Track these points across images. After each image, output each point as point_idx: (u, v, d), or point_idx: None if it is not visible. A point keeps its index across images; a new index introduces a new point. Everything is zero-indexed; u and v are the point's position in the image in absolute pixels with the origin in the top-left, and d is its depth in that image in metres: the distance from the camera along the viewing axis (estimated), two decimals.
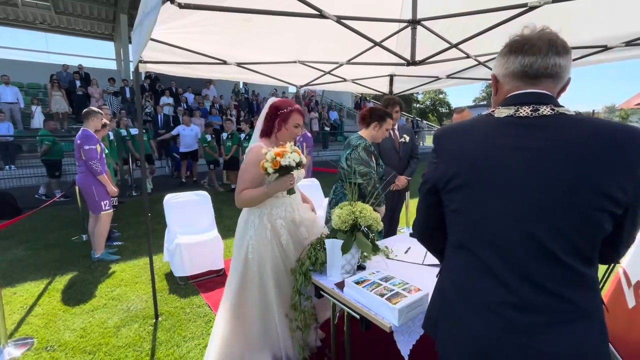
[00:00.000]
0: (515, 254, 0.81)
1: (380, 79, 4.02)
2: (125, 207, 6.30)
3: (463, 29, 2.38)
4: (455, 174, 0.90)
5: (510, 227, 0.82)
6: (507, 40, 0.92)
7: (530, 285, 0.80)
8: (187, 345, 2.34)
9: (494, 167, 0.84)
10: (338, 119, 15.96)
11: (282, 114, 1.94)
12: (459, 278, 0.93)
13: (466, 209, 0.90)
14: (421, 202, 1.05)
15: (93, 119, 3.75)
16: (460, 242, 0.93)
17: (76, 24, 15.51)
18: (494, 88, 0.98)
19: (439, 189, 0.95)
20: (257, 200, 1.89)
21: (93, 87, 10.69)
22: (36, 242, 4.49)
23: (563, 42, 0.84)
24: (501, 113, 0.88)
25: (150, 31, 1.69)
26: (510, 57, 0.88)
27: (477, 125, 0.93)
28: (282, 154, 1.72)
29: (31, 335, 2.48)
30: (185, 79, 11.51)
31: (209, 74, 3.18)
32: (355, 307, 1.52)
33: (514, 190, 0.81)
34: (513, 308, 0.81)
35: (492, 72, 0.97)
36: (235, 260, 1.99)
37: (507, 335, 0.81)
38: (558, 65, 0.84)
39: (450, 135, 0.97)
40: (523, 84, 0.88)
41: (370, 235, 1.80)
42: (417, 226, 1.11)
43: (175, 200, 3.58)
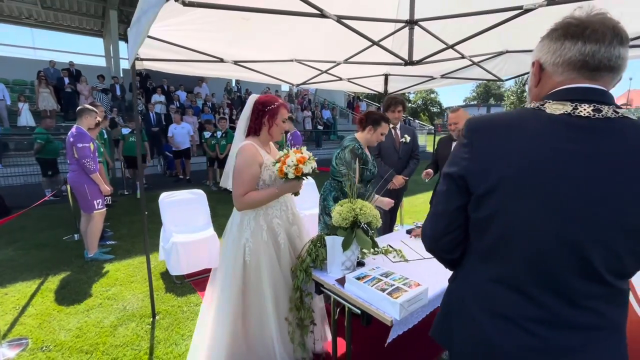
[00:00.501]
0: (554, 270, 0.74)
1: (375, 78, 4.06)
2: (117, 206, 6.22)
3: (459, 29, 2.42)
4: (496, 175, 0.77)
5: (554, 241, 0.73)
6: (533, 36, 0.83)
7: (566, 302, 0.74)
8: (185, 344, 2.34)
9: (545, 173, 0.73)
10: (331, 117, 16.00)
11: (270, 110, 1.89)
12: (483, 289, 0.84)
13: (504, 216, 0.78)
14: (442, 204, 0.90)
15: (87, 116, 3.69)
16: (488, 252, 0.83)
17: (64, 19, 15.19)
18: (536, 77, 0.85)
19: (472, 190, 0.82)
20: (265, 202, 1.87)
21: (82, 84, 10.50)
22: (26, 242, 4.41)
23: (625, 30, 0.74)
24: (554, 109, 0.76)
25: (148, 28, 1.68)
26: (566, 42, 0.76)
27: (524, 121, 0.79)
28: (303, 161, 1.75)
29: (25, 335, 2.45)
30: (177, 77, 11.44)
31: (205, 72, 3.17)
32: (357, 302, 1.55)
33: (567, 201, 0.72)
34: (546, 326, 0.75)
35: (535, 57, 0.84)
36: (229, 263, 1.91)
37: (541, 356, 0.75)
38: (621, 57, 0.74)
39: (490, 129, 0.82)
40: (580, 77, 0.76)
41: (370, 232, 1.83)
42: (432, 231, 0.94)
43: (170, 199, 3.55)
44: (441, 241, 0.92)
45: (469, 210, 0.85)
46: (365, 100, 20.39)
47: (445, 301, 0.98)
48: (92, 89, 10.62)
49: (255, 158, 1.83)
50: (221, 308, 1.90)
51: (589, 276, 0.73)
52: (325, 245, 1.89)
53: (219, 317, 1.90)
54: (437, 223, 0.92)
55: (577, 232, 0.72)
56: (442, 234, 0.91)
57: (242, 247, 1.88)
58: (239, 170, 1.81)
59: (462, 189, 0.84)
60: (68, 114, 10.48)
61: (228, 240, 1.95)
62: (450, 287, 0.97)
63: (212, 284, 2.04)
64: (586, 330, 0.74)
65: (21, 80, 11.98)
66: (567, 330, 0.75)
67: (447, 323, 0.94)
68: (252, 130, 1.94)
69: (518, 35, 2.66)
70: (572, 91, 0.76)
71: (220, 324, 1.88)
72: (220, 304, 1.91)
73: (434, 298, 1.59)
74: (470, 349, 0.86)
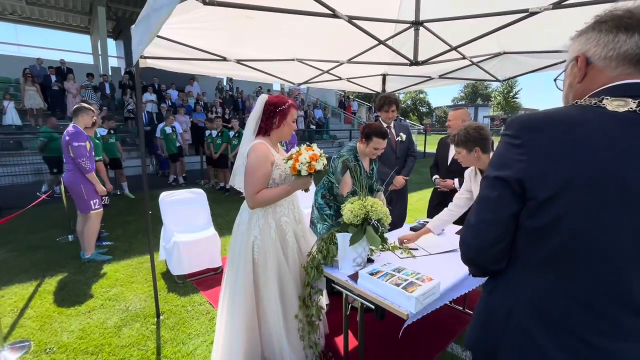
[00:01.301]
0: (624, 277, 0.70)
1: (374, 78, 4.11)
2: (110, 206, 6.11)
3: (459, 30, 2.48)
4: (562, 177, 0.72)
5: (631, 247, 0.69)
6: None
7: (632, 312, 0.71)
8: (193, 343, 2.34)
9: (617, 174, 0.69)
10: (323, 117, 16.02)
11: (281, 110, 1.92)
12: (537, 301, 0.78)
13: (569, 223, 0.72)
14: (491, 212, 0.83)
15: (83, 115, 3.63)
16: (546, 261, 0.77)
17: (49, 15, 14.81)
18: (581, 72, 0.80)
19: (531, 195, 0.76)
20: (277, 200, 1.90)
21: (69, 82, 10.25)
22: (19, 244, 4.31)
23: None
24: (616, 106, 0.72)
25: (160, 27, 1.68)
26: (620, 35, 0.73)
27: (588, 120, 0.73)
28: (316, 158, 1.79)
29: (27, 338, 2.40)
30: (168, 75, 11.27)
31: (207, 70, 3.16)
32: (371, 297, 1.58)
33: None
34: (608, 337, 0.72)
35: (579, 51, 0.80)
36: (239, 260, 1.92)
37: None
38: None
39: (549, 128, 0.75)
40: (636, 72, 0.74)
41: (380, 229, 1.86)
42: (478, 242, 0.85)
43: (170, 199, 3.53)
44: (490, 251, 0.84)
45: (522, 218, 0.79)
46: (356, 100, 20.48)
47: (483, 312, 0.91)
48: (80, 87, 10.37)
49: (268, 157, 1.85)
50: (234, 305, 1.91)
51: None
52: (335, 243, 1.92)
53: (232, 315, 1.91)
54: (486, 232, 0.84)
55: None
56: (491, 243, 0.83)
57: (251, 244, 1.90)
58: (252, 169, 1.82)
59: (517, 194, 0.78)
60: (55, 113, 10.23)
61: (237, 238, 1.97)
62: (488, 298, 0.90)
63: (224, 282, 2.04)
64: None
65: (5, 77, 11.61)
66: (625, 341, 0.72)
67: (488, 335, 0.88)
68: (262, 130, 1.95)
69: (515, 37, 2.73)
70: (632, 87, 0.73)
71: (234, 321, 1.90)
72: (232, 302, 1.92)
73: (444, 292, 1.63)
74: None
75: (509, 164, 0.78)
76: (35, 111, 9.57)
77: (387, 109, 3.27)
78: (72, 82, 10.32)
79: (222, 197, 7.03)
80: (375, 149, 2.47)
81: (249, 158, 1.85)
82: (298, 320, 1.97)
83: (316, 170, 1.81)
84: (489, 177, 0.84)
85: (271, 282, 1.91)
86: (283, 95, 13.21)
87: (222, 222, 5.17)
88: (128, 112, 10.67)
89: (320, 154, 1.85)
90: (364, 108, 20.77)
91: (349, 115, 18.24)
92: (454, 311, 2.74)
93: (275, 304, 1.92)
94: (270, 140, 1.96)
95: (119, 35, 15.60)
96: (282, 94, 15.39)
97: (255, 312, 1.93)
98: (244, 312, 1.89)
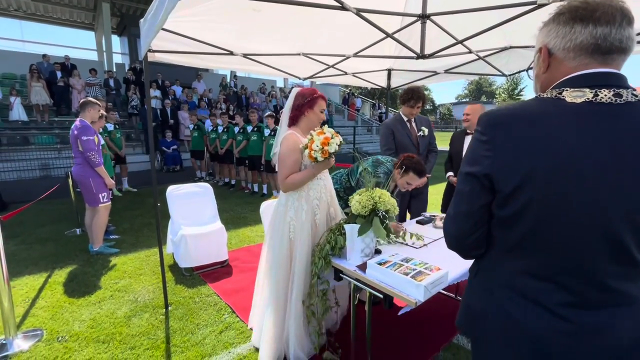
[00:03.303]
0: (589, 257, 0.76)
1: (379, 73, 4.10)
2: (116, 201, 6.17)
3: (467, 24, 2.48)
4: (525, 170, 0.76)
5: (589, 229, 0.75)
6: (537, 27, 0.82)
7: (598, 286, 0.77)
8: (201, 332, 2.38)
9: (574, 163, 0.73)
10: (327, 113, 16.00)
11: (309, 101, 2.05)
12: (512, 280, 0.86)
13: (534, 211, 0.78)
14: (466, 205, 0.89)
15: (90, 109, 3.67)
16: (517, 245, 0.84)
17: (54, 11, 14.87)
18: (545, 63, 0.84)
19: (498, 188, 0.81)
20: (305, 181, 2.01)
21: (75, 79, 10.30)
22: (27, 237, 4.37)
23: (630, 11, 0.74)
24: (575, 97, 0.76)
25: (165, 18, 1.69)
26: (576, 26, 0.75)
27: (548, 113, 0.78)
28: (327, 142, 1.86)
29: (39, 327, 2.45)
30: (172, 71, 11.32)
31: (214, 64, 3.18)
32: (379, 287, 1.61)
33: (598, 188, 0.72)
34: (576, 309, 0.78)
35: (541, 43, 0.84)
36: (275, 239, 2.06)
37: (571, 337, 0.79)
38: (631, 38, 0.74)
39: (512, 123, 0.80)
40: (594, 61, 0.76)
41: (386, 220, 1.88)
42: (457, 232, 0.93)
43: (177, 192, 3.57)
44: (468, 239, 0.92)
45: (494, 208, 0.85)
46: (360, 97, 20.43)
47: (470, 294, 0.99)
48: (86, 84, 10.43)
49: (297, 145, 1.97)
50: (273, 279, 2.05)
51: (620, 258, 0.75)
52: (343, 234, 1.94)
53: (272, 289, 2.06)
54: (462, 223, 0.90)
55: (609, 215, 0.72)
56: (468, 233, 0.90)
57: (288, 224, 2.03)
58: (283, 157, 1.97)
59: (486, 188, 0.83)
60: (60, 109, 10.31)
61: (275, 219, 2.11)
62: (473, 281, 0.98)
63: (263, 259, 2.20)
64: (611, 309, 0.78)
65: (11, 73, 11.71)
66: (595, 310, 0.78)
67: (473, 314, 0.95)
68: (292, 120, 2.09)
69: (522, 31, 2.72)
70: (590, 77, 0.76)
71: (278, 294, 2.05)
72: (273, 277, 2.06)
73: (452, 281, 1.65)
74: (500, 335, 0.88)
75: (478, 160, 0.84)
76: (41, 107, 9.64)
77: (413, 104, 3.03)
78: (78, 78, 10.38)
79: (227, 193, 7.07)
80: (408, 183, 2.33)
81: (281, 147, 2.00)
82: (305, 307, 2.01)
83: (330, 153, 1.89)
84: (462, 173, 0.89)
85: (299, 261, 2.00)
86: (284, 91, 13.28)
87: (228, 217, 5.21)
88: (132, 108, 10.72)
89: (332, 135, 1.91)
90: (368, 105, 20.73)
91: (353, 112, 18.21)
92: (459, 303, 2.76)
93: (299, 282, 2.00)
94: (301, 130, 2.07)
95: (123, 31, 15.64)
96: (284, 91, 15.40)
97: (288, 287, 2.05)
98: (283, 286, 2.03)
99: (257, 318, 2.26)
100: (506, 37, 2.92)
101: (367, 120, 18.80)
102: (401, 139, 3.08)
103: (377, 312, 2.08)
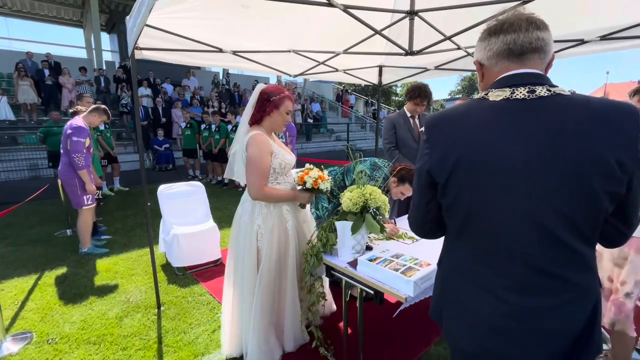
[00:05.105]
0: (518, 241, 0.82)
1: (370, 70, 4.10)
2: (108, 201, 6.12)
3: (456, 21, 2.49)
4: (451, 161, 0.86)
5: (513, 214, 0.81)
6: None
7: (533, 270, 0.82)
8: (194, 332, 2.37)
9: (494, 155, 0.82)
10: (320, 110, 15.98)
11: (274, 100, 1.91)
12: (460, 267, 0.94)
13: (466, 199, 0.87)
14: (417, 197, 1.01)
15: (95, 115, 3.72)
16: (459, 232, 0.93)
17: (40, 8, 14.56)
18: (479, 74, 0.97)
19: (437, 181, 0.91)
20: (281, 201, 1.98)
21: (64, 77, 10.12)
22: (17, 239, 4.30)
23: (540, 18, 0.85)
24: (496, 96, 0.86)
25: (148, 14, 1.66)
26: (491, 39, 0.88)
27: (471, 111, 0.89)
28: (322, 179, 1.97)
29: (29, 329, 2.42)
30: (163, 69, 11.19)
31: (204, 62, 3.15)
32: (370, 283, 1.62)
33: (517, 176, 0.80)
34: (516, 292, 0.84)
35: (475, 58, 0.97)
36: (242, 252, 1.96)
37: (512, 320, 0.84)
38: (541, 38, 0.84)
39: (444, 123, 0.92)
40: (512, 64, 0.87)
41: (377, 216, 1.89)
42: (415, 220, 1.05)
43: (169, 191, 3.54)
44: (424, 227, 1.04)
45: (439, 199, 0.95)
46: (354, 94, 20.42)
47: (434, 284, 1.08)
48: (76, 83, 10.25)
49: (267, 147, 1.87)
50: (243, 301, 1.98)
51: (550, 243, 0.80)
52: (334, 231, 1.95)
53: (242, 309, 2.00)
54: (417, 213, 1.03)
55: (531, 202, 0.79)
56: (423, 221, 1.03)
57: (255, 233, 1.93)
58: (255, 160, 1.84)
59: (430, 182, 0.93)
60: (49, 108, 10.12)
61: (240, 229, 1.99)
62: (438, 269, 1.07)
63: (229, 274, 2.11)
64: (553, 295, 0.82)
65: None
66: (536, 295, 0.83)
67: (437, 302, 1.04)
68: (254, 119, 1.95)
69: None
70: (509, 78, 0.86)
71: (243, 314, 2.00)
72: (241, 296, 1.99)
73: None
74: (456, 320, 0.96)
75: (421, 157, 0.96)
76: (29, 106, 9.46)
77: (418, 102, 3.07)
78: (67, 76, 10.20)
79: (219, 191, 7.04)
80: (402, 193, 2.37)
81: (250, 150, 1.85)
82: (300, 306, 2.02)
83: (319, 188, 1.97)
84: (415, 169, 1.02)
85: (273, 269, 1.96)
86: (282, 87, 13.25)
87: (221, 215, 5.19)
88: (123, 107, 10.58)
89: (328, 179, 2.03)
90: (361, 102, 20.72)
91: (347, 109, 18.19)
92: None
93: (274, 290, 1.98)
94: (265, 130, 1.95)
95: (112, 28, 15.37)
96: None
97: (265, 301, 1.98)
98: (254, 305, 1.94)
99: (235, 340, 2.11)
100: None
101: (361, 117, 18.81)
102: (402, 134, 3.11)
103: (368, 307, 2.09)
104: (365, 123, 18.24)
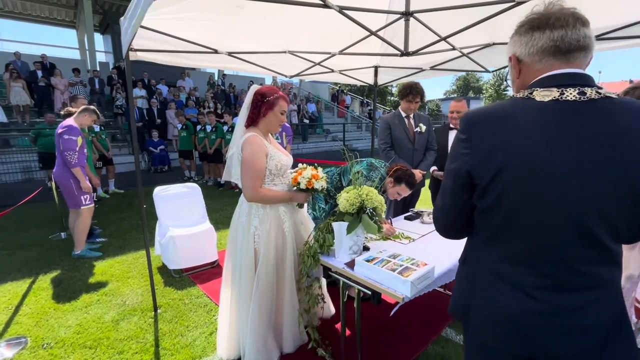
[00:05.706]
0: (559, 243, 0.82)
1: (366, 70, 4.11)
2: (103, 203, 6.07)
3: (451, 22, 2.50)
4: (497, 163, 0.83)
5: (558, 218, 0.81)
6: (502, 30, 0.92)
7: (568, 269, 0.83)
8: (191, 335, 2.36)
9: (544, 158, 0.80)
10: (316, 111, 15.98)
11: (268, 101, 1.92)
12: (491, 266, 0.93)
13: (508, 201, 0.85)
14: (451, 198, 0.97)
15: (86, 115, 3.67)
16: (495, 233, 0.91)
17: (32, 9, 14.40)
18: (516, 69, 0.92)
19: (477, 182, 0.89)
20: (277, 202, 1.97)
21: (57, 78, 10.01)
22: (10, 242, 4.25)
23: (583, 15, 0.82)
24: (543, 96, 0.82)
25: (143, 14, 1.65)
26: (535, 33, 0.84)
27: (518, 111, 0.85)
28: (317, 177, 1.97)
29: (23, 334, 2.39)
30: (158, 70, 11.11)
31: (199, 63, 3.14)
32: (367, 283, 1.62)
33: (568, 181, 0.78)
34: (549, 291, 0.84)
35: (511, 52, 0.92)
36: (240, 253, 1.96)
37: (546, 318, 0.85)
38: (588, 36, 0.81)
39: (487, 122, 0.88)
40: (557, 62, 0.84)
41: (374, 217, 1.90)
42: (443, 221, 1.03)
43: (164, 193, 3.51)
44: (453, 227, 1.03)
45: (475, 200, 0.93)
46: (349, 94, 20.44)
47: (458, 282, 1.07)
48: (69, 84, 10.15)
49: (262, 149, 1.87)
50: (241, 302, 1.97)
51: (589, 243, 0.81)
52: (331, 231, 1.95)
53: (240, 310, 1.98)
54: (447, 213, 1.00)
55: (578, 207, 0.79)
56: (453, 222, 1.01)
57: (252, 235, 1.93)
58: (250, 162, 1.84)
59: (467, 183, 0.91)
60: (42, 110, 10.01)
61: (237, 230, 1.99)
62: (461, 269, 1.06)
63: (226, 276, 2.09)
64: (585, 291, 0.84)
65: None
66: (568, 293, 0.84)
67: (462, 300, 1.03)
68: (250, 120, 1.96)
69: (504, 28, 2.76)
70: (556, 77, 0.83)
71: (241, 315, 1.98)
72: (239, 297, 1.98)
73: (439, 276, 1.68)
74: (485, 318, 0.95)
75: (458, 157, 0.92)
76: (22, 108, 9.35)
77: (411, 99, 3.08)
78: (60, 77, 10.09)
79: (216, 193, 7.01)
80: (399, 194, 2.39)
81: (245, 151, 1.85)
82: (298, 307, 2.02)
83: (314, 188, 1.97)
84: (446, 169, 0.98)
85: (270, 271, 1.95)
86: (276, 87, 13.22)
87: (218, 217, 5.16)
88: (117, 108, 10.50)
89: (322, 177, 2.01)
90: (357, 102, 20.76)
91: (342, 109, 18.22)
92: (448, 297, 2.80)
93: (273, 293, 1.97)
94: (260, 131, 1.96)
95: (106, 29, 15.26)
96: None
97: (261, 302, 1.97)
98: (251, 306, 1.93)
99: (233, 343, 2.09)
100: (489, 34, 2.96)
101: (357, 117, 18.85)
102: (397, 134, 3.11)
103: (366, 308, 2.09)
104: (361, 123, 18.27)
